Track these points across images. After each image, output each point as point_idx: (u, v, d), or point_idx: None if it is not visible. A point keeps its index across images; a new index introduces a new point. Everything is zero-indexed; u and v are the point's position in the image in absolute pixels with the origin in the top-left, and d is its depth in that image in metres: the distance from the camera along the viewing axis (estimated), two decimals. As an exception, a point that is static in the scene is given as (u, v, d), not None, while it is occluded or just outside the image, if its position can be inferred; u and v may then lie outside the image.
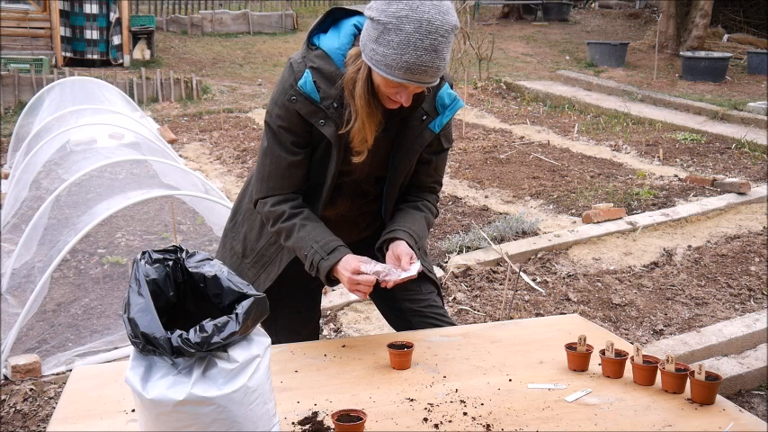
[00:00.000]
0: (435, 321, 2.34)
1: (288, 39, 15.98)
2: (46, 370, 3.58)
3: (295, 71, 2.03)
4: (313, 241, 2.08)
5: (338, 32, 2.04)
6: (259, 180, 2.17)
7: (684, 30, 13.75)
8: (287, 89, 2.04)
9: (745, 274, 4.82)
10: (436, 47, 1.83)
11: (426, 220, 2.26)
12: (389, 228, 2.18)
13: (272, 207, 2.13)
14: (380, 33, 1.84)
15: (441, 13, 1.83)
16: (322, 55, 2.02)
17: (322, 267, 2.06)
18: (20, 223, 5.25)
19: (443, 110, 2.13)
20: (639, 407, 1.78)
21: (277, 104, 2.07)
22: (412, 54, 1.82)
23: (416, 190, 2.29)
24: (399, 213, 2.24)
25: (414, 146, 2.14)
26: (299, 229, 2.10)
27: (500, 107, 10.61)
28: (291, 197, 2.15)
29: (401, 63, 1.84)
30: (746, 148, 8.01)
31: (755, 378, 3.60)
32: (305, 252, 2.09)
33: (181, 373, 1.46)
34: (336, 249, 2.07)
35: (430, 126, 2.12)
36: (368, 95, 1.96)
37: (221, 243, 2.43)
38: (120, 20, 12.67)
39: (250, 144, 8.34)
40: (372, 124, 2.01)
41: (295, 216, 2.11)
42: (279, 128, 2.07)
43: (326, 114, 2.02)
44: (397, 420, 1.72)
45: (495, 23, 17.74)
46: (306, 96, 2.01)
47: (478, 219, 5.68)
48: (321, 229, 2.11)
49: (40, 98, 8.02)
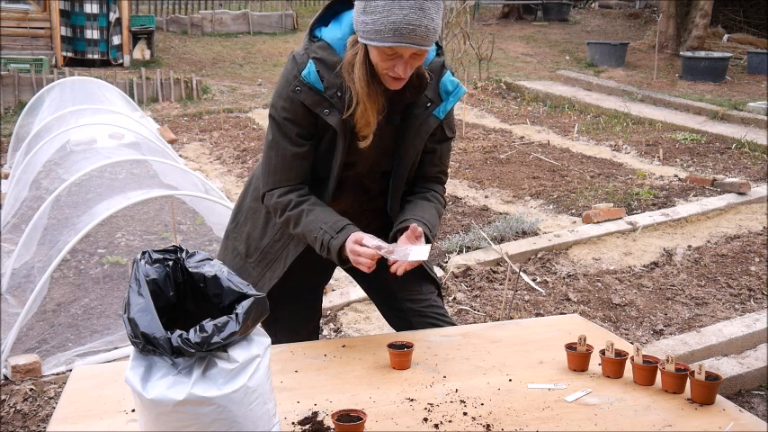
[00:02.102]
0: (436, 321, 2.34)
1: (288, 39, 15.98)
2: (46, 370, 3.58)
3: (298, 63, 2.05)
4: (321, 222, 2.08)
5: (339, 24, 2.07)
6: (265, 173, 2.17)
7: (684, 30, 13.75)
8: (290, 80, 2.05)
9: (745, 274, 4.82)
10: (422, 5, 1.88)
11: (437, 209, 2.25)
12: (400, 218, 2.18)
13: (278, 198, 2.14)
14: (366, 4, 1.90)
15: None
16: (324, 46, 2.05)
17: (332, 246, 2.06)
18: (20, 223, 5.25)
19: (447, 96, 2.14)
20: (639, 407, 1.78)
21: (281, 96, 2.08)
22: (398, 13, 1.86)
23: (423, 181, 2.29)
24: (409, 205, 2.24)
25: (419, 133, 2.14)
26: (306, 214, 2.10)
27: (500, 107, 10.61)
28: (298, 187, 2.15)
29: (389, 24, 1.87)
30: (746, 148, 8.01)
31: (755, 378, 3.60)
32: (315, 234, 2.09)
33: (181, 373, 1.46)
34: (345, 228, 2.07)
35: (434, 113, 2.13)
36: (367, 77, 1.97)
37: (223, 244, 2.43)
38: (120, 20, 12.68)
39: (250, 144, 8.34)
40: (374, 106, 2.02)
41: (302, 203, 2.12)
42: (284, 120, 2.08)
43: (331, 103, 2.04)
44: (397, 420, 1.72)
45: (495, 23, 17.74)
46: (310, 86, 2.03)
47: (478, 219, 5.68)
48: (329, 212, 2.12)
49: (40, 98, 8.02)
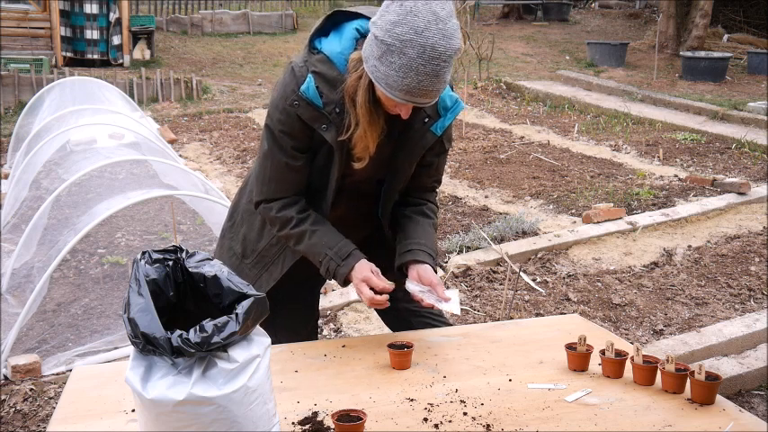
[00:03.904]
0: (432, 321, 2.35)
1: (288, 39, 15.98)
2: (46, 370, 3.58)
3: (297, 75, 2.01)
4: (326, 248, 2.10)
5: (340, 36, 2.02)
6: (260, 182, 2.16)
7: (684, 30, 13.75)
8: (288, 94, 2.02)
9: (745, 274, 4.82)
10: (438, 72, 1.83)
11: (434, 226, 2.29)
12: (406, 243, 2.20)
13: (277, 213, 2.14)
14: (383, 53, 1.84)
15: (445, 38, 1.81)
16: (324, 59, 2.00)
17: (339, 274, 2.10)
18: (20, 223, 5.25)
19: (445, 112, 2.13)
20: (639, 407, 1.78)
21: (278, 109, 2.05)
22: (413, 78, 1.82)
23: (418, 191, 2.30)
24: (409, 223, 2.25)
25: (416, 148, 2.14)
26: (309, 235, 2.11)
27: (500, 107, 10.61)
28: (295, 200, 2.15)
29: (402, 85, 1.84)
30: (746, 148, 8.01)
31: (755, 378, 3.60)
32: (319, 259, 2.12)
33: (181, 373, 1.46)
34: (351, 255, 2.10)
35: (432, 129, 2.12)
36: (369, 104, 1.95)
37: (219, 243, 2.42)
38: (120, 20, 12.67)
39: (250, 144, 8.34)
40: (374, 132, 2.01)
41: (303, 221, 2.13)
42: (280, 132, 2.06)
43: (329, 119, 2.01)
44: (397, 420, 1.72)
45: (495, 23, 17.74)
46: (308, 102, 2.00)
47: (478, 219, 5.68)
48: (332, 233, 2.13)
49: (40, 98, 8.02)
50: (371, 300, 2.08)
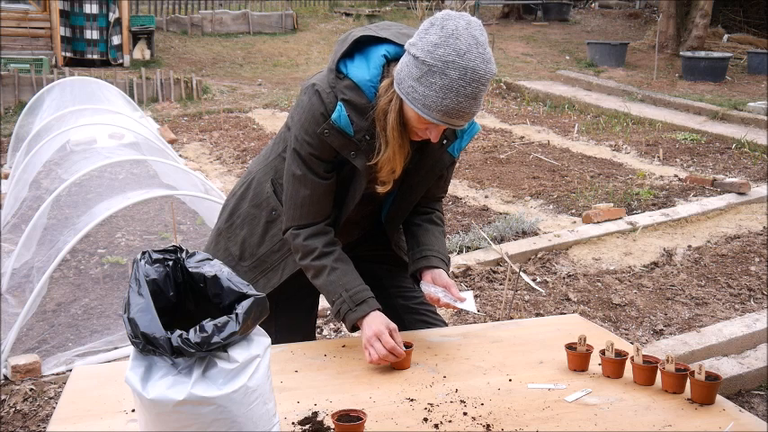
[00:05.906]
0: (427, 319, 2.35)
1: (288, 39, 15.98)
2: (46, 370, 3.58)
3: (325, 102, 1.99)
4: (343, 289, 2.08)
5: (367, 62, 2.00)
6: (291, 206, 2.13)
7: (684, 30, 13.75)
8: (318, 120, 1.99)
9: (745, 274, 4.82)
10: (476, 94, 1.84)
11: (443, 233, 2.33)
12: (419, 250, 2.23)
13: (304, 241, 2.12)
14: (424, 74, 1.83)
15: (485, 62, 1.83)
16: (352, 86, 1.98)
17: (349, 318, 2.07)
18: (20, 223, 5.25)
19: (462, 134, 2.15)
20: (639, 407, 1.78)
21: (307, 133, 2.02)
22: (453, 99, 1.83)
23: (427, 201, 2.33)
24: (420, 231, 2.28)
25: (433, 170, 2.18)
26: (329, 272, 2.10)
27: (500, 107, 10.61)
28: (324, 230, 2.13)
29: (441, 106, 1.84)
30: (746, 148, 8.01)
31: (755, 378, 3.60)
32: (333, 298, 2.10)
33: (181, 373, 1.46)
34: (365, 302, 2.07)
35: (449, 150, 2.16)
36: (400, 127, 1.96)
37: (213, 241, 2.39)
38: (120, 20, 12.68)
39: (250, 144, 8.34)
40: (402, 155, 2.02)
41: (326, 256, 2.11)
42: (310, 155, 2.04)
43: (358, 147, 2.01)
44: (397, 420, 1.72)
45: (495, 23, 17.74)
46: (339, 130, 1.98)
47: (478, 219, 5.68)
48: (351, 274, 2.12)
49: (40, 98, 8.02)
50: (379, 358, 1.97)
